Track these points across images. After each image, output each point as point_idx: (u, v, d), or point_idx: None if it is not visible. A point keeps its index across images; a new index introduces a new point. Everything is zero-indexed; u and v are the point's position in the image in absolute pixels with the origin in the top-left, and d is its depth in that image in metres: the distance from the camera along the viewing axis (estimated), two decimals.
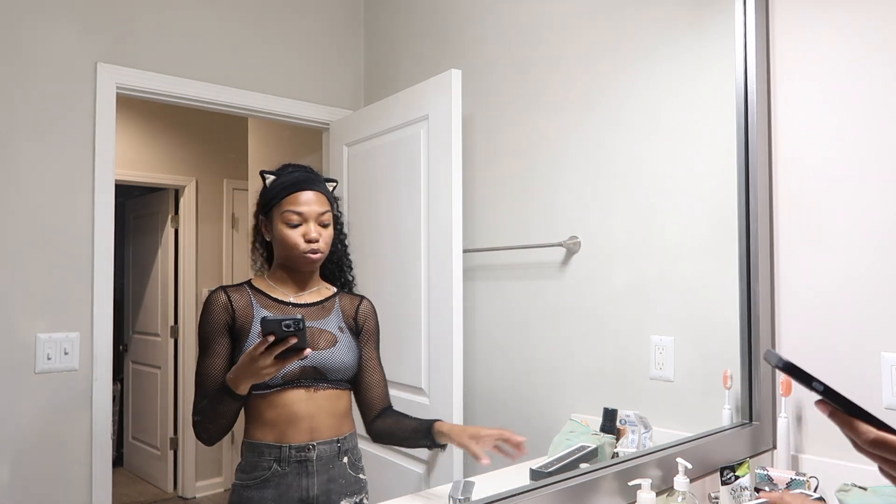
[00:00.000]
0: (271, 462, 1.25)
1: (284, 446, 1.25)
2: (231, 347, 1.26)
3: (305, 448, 1.26)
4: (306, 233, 1.28)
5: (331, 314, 1.35)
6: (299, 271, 1.33)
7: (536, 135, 1.78)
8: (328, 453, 1.28)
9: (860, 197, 1.53)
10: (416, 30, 2.11)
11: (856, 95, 1.55)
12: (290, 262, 1.31)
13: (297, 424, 1.26)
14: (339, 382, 1.31)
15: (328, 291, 1.39)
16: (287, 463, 1.25)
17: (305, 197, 1.29)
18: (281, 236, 1.28)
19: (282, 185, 1.30)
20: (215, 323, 1.27)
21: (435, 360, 1.73)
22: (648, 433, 1.47)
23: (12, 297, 1.58)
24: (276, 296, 1.32)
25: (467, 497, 1.02)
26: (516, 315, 1.82)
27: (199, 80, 1.94)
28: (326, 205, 1.32)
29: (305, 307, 1.33)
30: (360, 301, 1.43)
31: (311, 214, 1.28)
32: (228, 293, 1.30)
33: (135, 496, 2.96)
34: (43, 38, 1.65)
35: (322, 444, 1.28)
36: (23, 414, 1.59)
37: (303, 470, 1.26)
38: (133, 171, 2.68)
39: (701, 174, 1.69)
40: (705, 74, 1.70)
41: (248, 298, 1.30)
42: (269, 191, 1.31)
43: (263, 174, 1.34)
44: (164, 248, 3.10)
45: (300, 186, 1.29)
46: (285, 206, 1.28)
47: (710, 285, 1.68)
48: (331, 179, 1.38)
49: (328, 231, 1.32)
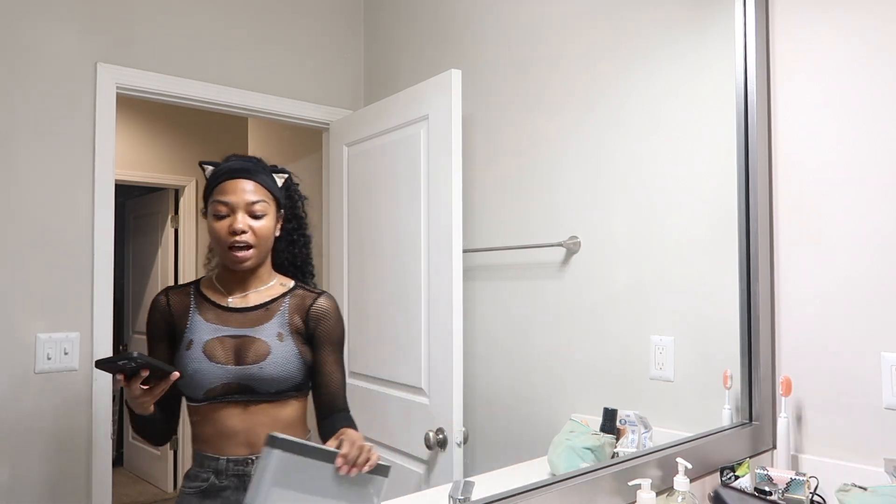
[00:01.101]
0: (209, 474, 1.20)
1: (222, 459, 1.19)
2: (171, 351, 1.22)
3: (244, 462, 1.19)
4: (231, 223, 1.16)
5: (271, 319, 1.23)
6: (235, 270, 1.22)
7: (536, 135, 1.78)
8: None
9: (860, 196, 1.53)
10: (416, 30, 2.11)
11: (856, 95, 1.55)
12: (222, 259, 1.20)
13: (233, 439, 1.19)
14: (276, 395, 1.20)
15: (282, 289, 1.27)
16: (225, 476, 1.19)
17: (235, 185, 1.17)
18: (210, 230, 1.19)
19: (215, 175, 1.20)
20: (154, 327, 1.22)
21: (435, 360, 1.73)
22: (648, 433, 1.47)
23: (12, 297, 1.58)
24: (215, 298, 1.23)
25: (467, 497, 1.02)
26: (516, 315, 1.82)
27: (199, 80, 1.94)
28: (262, 194, 1.20)
29: (243, 311, 1.22)
30: (314, 300, 1.27)
31: (238, 204, 1.17)
32: (170, 296, 1.24)
33: (135, 496, 2.96)
34: (43, 39, 1.65)
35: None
36: (23, 414, 1.59)
37: (241, 484, 1.19)
38: (133, 171, 2.69)
39: (701, 174, 1.69)
40: (705, 74, 1.70)
41: (189, 301, 1.23)
42: (206, 183, 1.23)
43: (202, 165, 1.24)
44: (164, 248, 3.10)
45: (231, 175, 1.18)
46: (214, 196, 1.18)
47: (710, 285, 1.68)
48: (281, 170, 1.27)
49: (262, 223, 1.19)
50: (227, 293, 1.24)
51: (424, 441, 1.69)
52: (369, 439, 1.99)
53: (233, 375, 1.17)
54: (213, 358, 1.17)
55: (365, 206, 2.04)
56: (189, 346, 1.19)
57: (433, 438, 1.67)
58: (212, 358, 1.17)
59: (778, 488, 1.39)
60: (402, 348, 1.84)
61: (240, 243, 1.17)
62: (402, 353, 1.84)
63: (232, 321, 1.21)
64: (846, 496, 1.34)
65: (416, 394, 1.78)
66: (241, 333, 1.20)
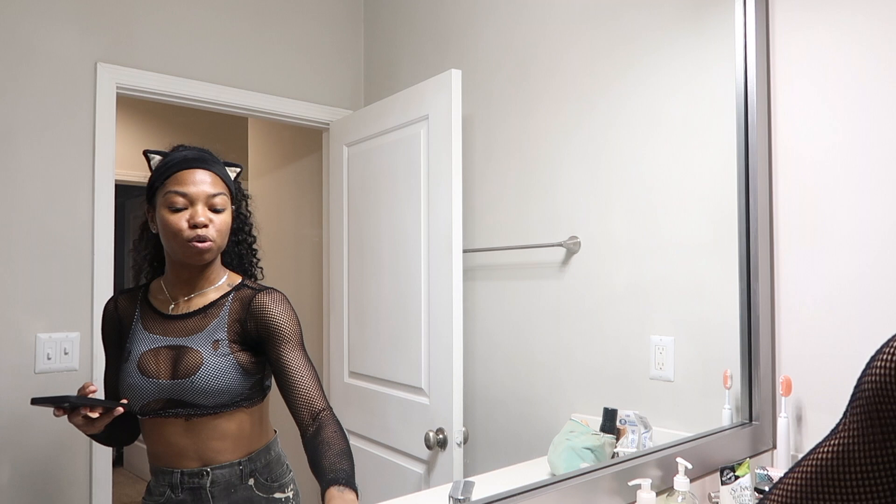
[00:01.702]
0: (165, 488, 1.14)
1: (176, 472, 1.13)
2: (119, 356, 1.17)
3: (198, 474, 1.13)
4: (192, 216, 1.07)
5: (209, 325, 1.13)
6: (189, 267, 1.13)
7: (536, 135, 1.78)
8: (227, 477, 1.14)
9: (860, 196, 1.54)
10: (416, 30, 2.11)
11: (857, 96, 1.55)
12: (176, 255, 1.10)
13: (183, 452, 1.12)
14: (217, 408, 1.11)
15: (227, 288, 1.17)
16: (180, 489, 1.13)
17: (193, 176, 1.08)
18: (163, 223, 1.08)
19: (167, 166, 1.10)
20: (104, 333, 1.18)
21: (435, 360, 1.73)
22: (648, 433, 1.47)
23: (12, 297, 1.58)
24: (158, 305, 1.16)
25: (467, 497, 1.02)
26: (516, 315, 1.82)
27: (199, 80, 1.94)
28: (221, 187, 1.11)
29: (183, 318, 1.14)
30: (255, 298, 1.14)
31: (198, 196, 1.08)
32: (118, 301, 1.18)
33: (135, 496, 2.95)
34: (43, 39, 1.65)
35: (218, 468, 1.13)
36: (23, 414, 1.59)
37: (197, 496, 1.13)
38: (133, 171, 2.69)
39: (701, 174, 1.69)
40: (705, 74, 1.70)
41: (134, 309, 1.16)
42: (154, 173, 1.11)
43: (147, 154, 1.13)
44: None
45: (188, 165, 1.09)
46: (168, 187, 1.08)
47: (710, 285, 1.69)
48: (233, 164, 1.18)
49: (222, 217, 1.10)
50: (172, 298, 1.16)
51: (424, 441, 1.69)
52: (369, 439, 2.00)
53: (165, 390, 1.10)
54: (145, 372, 1.11)
55: (365, 206, 2.04)
56: (128, 357, 1.13)
57: (433, 438, 1.67)
58: (144, 372, 1.11)
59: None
60: (402, 348, 1.84)
61: (201, 237, 1.07)
62: (402, 353, 1.84)
63: (171, 330, 1.14)
64: None
65: (416, 394, 1.78)
66: (177, 344, 1.12)
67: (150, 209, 1.13)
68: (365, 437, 1.97)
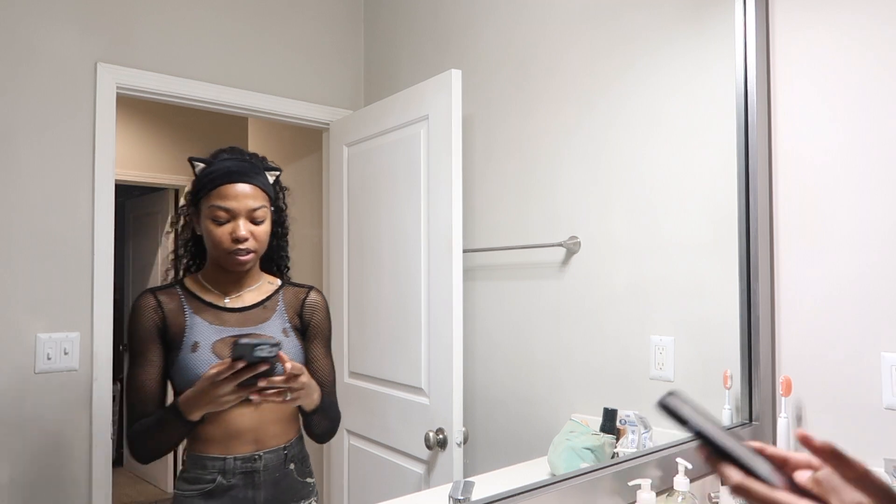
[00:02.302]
0: (215, 475, 1.17)
1: (229, 458, 1.17)
2: (164, 355, 1.17)
3: (251, 459, 1.19)
4: (234, 230, 1.15)
5: (272, 316, 1.23)
6: (231, 272, 1.22)
7: (537, 135, 1.78)
8: (275, 462, 1.21)
9: (860, 196, 1.53)
10: (416, 30, 2.11)
11: (857, 96, 1.55)
12: (219, 261, 1.19)
13: (241, 437, 1.18)
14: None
15: (271, 287, 1.27)
16: (232, 475, 1.18)
17: (235, 190, 1.15)
18: (207, 234, 1.17)
19: (210, 177, 1.17)
20: (145, 329, 1.17)
21: (435, 360, 1.73)
22: (648, 433, 1.47)
23: (12, 297, 1.58)
24: (210, 299, 1.21)
25: (467, 497, 1.02)
26: (516, 315, 1.82)
27: (199, 80, 1.94)
28: (262, 199, 1.19)
29: (243, 310, 1.21)
30: (307, 294, 1.30)
31: (240, 210, 1.15)
32: (158, 296, 1.20)
33: (135, 496, 2.96)
34: (43, 38, 1.65)
35: (268, 453, 1.20)
36: (23, 414, 1.59)
37: (249, 481, 1.19)
38: (133, 171, 2.68)
39: (701, 174, 1.69)
40: (705, 74, 1.70)
41: (179, 302, 1.19)
42: (198, 181, 1.18)
43: (192, 161, 1.21)
44: (164, 248, 3.10)
45: (230, 178, 1.16)
46: (212, 201, 1.15)
47: (710, 285, 1.68)
48: (273, 168, 1.25)
49: (262, 228, 1.19)
50: (223, 293, 1.22)
51: (424, 441, 1.69)
52: (369, 439, 2.00)
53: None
54: (223, 359, 1.14)
55: (365, 206, 2.04)
56: (195, 348, 1.16)
57: (433, 438, 1.67)
58: (222, 359, 1.14)
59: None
60: (401, 348, 1.84)
61: (241, 251, 1.16)
62: (401, 353, 1.84)
63: (235, 321, 1.20)
64: None
65: (416, 394, 1.78)
66: (245, 333, 1.19)
67: (196, 213, 1.20)
68: (365, 437, 1.96)
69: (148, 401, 1.17)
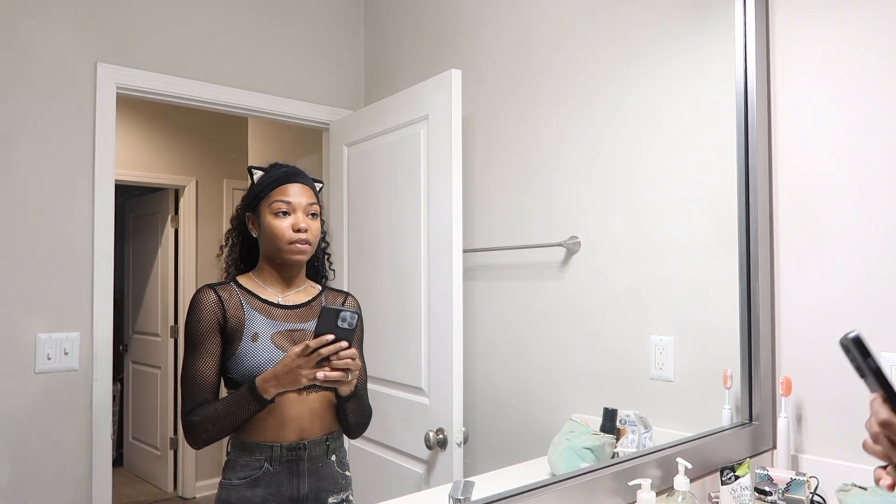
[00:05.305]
0: (262, 462, 1.24)
1: (276, 446, 1.24)
2: (222, 347, 1.25)
3: (297, 447, 1.25)
4: (295, 223, 1.27)
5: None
6: (287, 266, 1.31)
7: (536, 135, 1.78)
8: (318, 452, 1.28)
9: (860, 196, 1.54)
10: (416, 30, 2.11)
11: (857, 95, 1.55)
12: (277, 255, 1.29)
13: (287, 426, 1.25)
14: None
15: (314, 290, 1.37)
16: (279, 462, 1.24)
17: (294, 188, 1.29)
18: (269, 227, 1.28)
19: (270, 179, 1.30)
20: (207, 321, 1.24)
21: (435, 360, 1.73)
22: (648, 433, 1.47)
23: (12, 297, 1.59)
24: (265, 296, 1.30)
25: (467, 497, 1.02)
26: (516, 315, 1.82)
27: (199, 80, 1.94)
28: (315, 198, 1.32)
29: (294, 308, 1.31)
30: (345, 298, 1.41)
31: (299, 205, 1.28)
32: (218, 291, 1.27)
33: (135, 496, 2.96)
34: (43, 39, 1.66)
35: (312, 442, 1.27)
36: (23, 414, 1.59)
37: (294, 469, 1.25)
38: (133, 171, 2.69)
39: (701, 174, 1.69)
40: (705, 74, 1.70)
41: (238, 298, 1.28)
42: (257, 185, 1.32)
43: (252, 169, 1.35)
44: (164, 248, 3.10)
45: (289, 179, 1.30)
46: (274, 197, 1.28)
47: (710, 285, 1.68)
48: (318, 180, 1.38)
49: (316, 224, 1.31)
50: (276, 292, 1.31)
51: (424, 441, 1.69)
52: (369, 439, 2.00)
53: None
54: (283, 349, 1.23)
55: (365, 206, 2.04)
56: (255, 338, 1.24)
57: (433, 438, 1.67)
58: (282, 349, 1.23)
59: (778, 488, 1.39)
60: (402, 348, 1.84)
61: (301, 240, 1.27)
62: (401, 353, 1.84)
63: (292, 317, 1.30)
64: (846, 496, 1.34)
65: (416, 394, 1.78)
66: (298, 328, 1.29)
67: (253, 216, 1.31)
68: (365, 436, 1.96)
69: (207, 389, 1.23)
